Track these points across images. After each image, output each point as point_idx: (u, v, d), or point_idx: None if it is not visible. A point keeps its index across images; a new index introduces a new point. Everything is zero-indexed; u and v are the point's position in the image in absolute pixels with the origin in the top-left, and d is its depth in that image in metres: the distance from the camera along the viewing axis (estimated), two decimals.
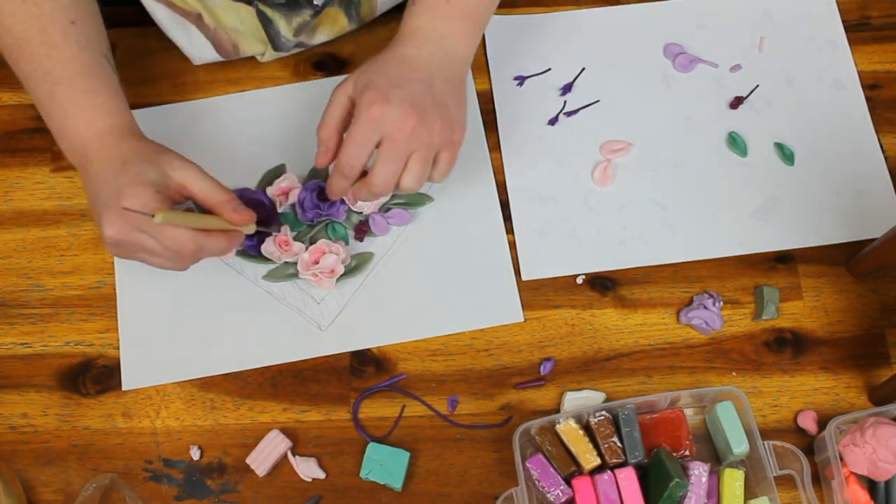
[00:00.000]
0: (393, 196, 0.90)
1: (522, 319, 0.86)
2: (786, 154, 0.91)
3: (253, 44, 0.92)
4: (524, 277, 0.87)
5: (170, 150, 0.79)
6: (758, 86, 0.94)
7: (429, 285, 0.87)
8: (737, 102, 0.93)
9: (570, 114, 0.94)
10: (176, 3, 0.88)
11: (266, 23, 0.90)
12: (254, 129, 0.93)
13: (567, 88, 0.95)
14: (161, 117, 0.94)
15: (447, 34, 0.81)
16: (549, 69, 0.96)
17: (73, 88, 0.77)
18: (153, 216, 0.72)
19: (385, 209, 0.89)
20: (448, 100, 0.80)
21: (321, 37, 0.93)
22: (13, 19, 0.77)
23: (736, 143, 0.91)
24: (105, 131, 0.78)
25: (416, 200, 0.90)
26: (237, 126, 0.94)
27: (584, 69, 0.95)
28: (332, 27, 0.93)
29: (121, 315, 0.86)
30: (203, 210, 0.79)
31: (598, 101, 0.94)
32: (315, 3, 0.88)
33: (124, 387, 0.84)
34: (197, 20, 0.89)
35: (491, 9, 0.84)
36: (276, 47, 0.92)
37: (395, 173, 0.78)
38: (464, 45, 0.83)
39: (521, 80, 0.95)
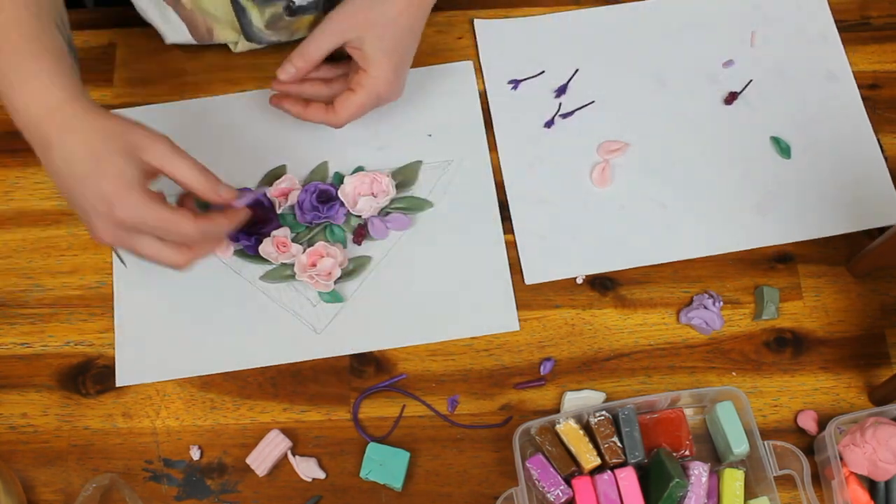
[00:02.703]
0: (393, 200, 0.90)
1: (518, 328, 0.86)
2: (782, 148, 0.91)
3: (227, 31, 0.92)
4: (527, 282, 0.87)
5: (131, 125, 0.73)
6: (751, 80, 0.94)
7: (425, 291, 0.87)
8: (731, 98, 0.93)
9: (565, 116, 0.94)
10: None
11: (239, 11, 0.89)
12: (254, 129, 0.93)
13: (562, 90, 0.95)
14: (161, 117, 0.94)
15: None
16: (543, 72, 0.96)
17: (19, 55, 0.71)
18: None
19: (384, 213, 0.89)
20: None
21: (300, 34, 0.93)
22: None
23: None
24: (55, 106, 0.71)
25: (415, 205, 0.90)
26: (237, 126, 0.94)
27: (577, 70, 0.95)
28: (311, 26, 0.92)
29: (117, 312, 0.86)
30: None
31: (592, 101, 0.94)
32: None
33: (118, 383, 0.84)
34: (174, 1, 0.89)
35: None
36: (248, 37, 0.92)
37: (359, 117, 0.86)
38: None
39: (515, 83, 0.95)
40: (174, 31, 0.91)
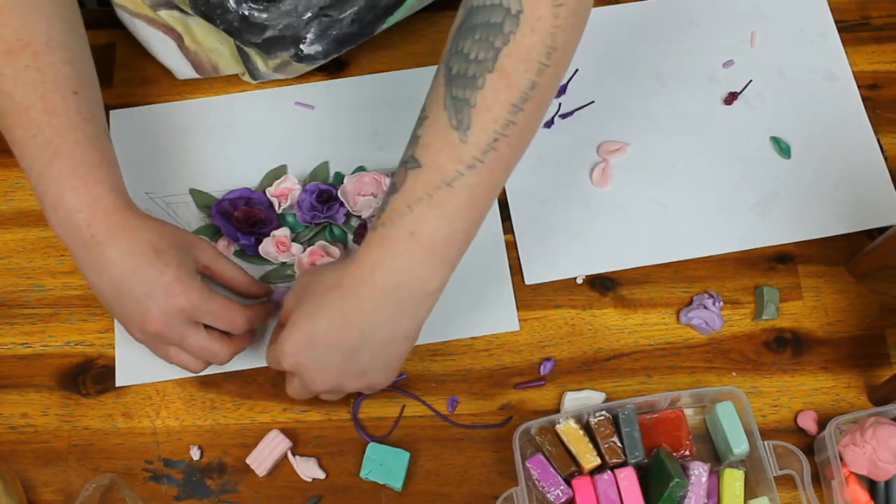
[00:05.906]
0: None
1: (518, 328, 0.86)
2: (782, 148, 0.91)
3: (233, 65, 0.92)
4: (527, 282, 0.87)
5: (181, 229, 0.78)
6: (751, 80, 0.94)
7: None
8: (731, 98, 0.93)
9: (565, 116, 0.94)
10: (157, 20, 0.88)
11: (244, 56, 0.90)
12: (254, 129, 0.93)
13: (561, 90, 0.95)
14: (161, 117, 0.94)
15: (407, 278, 0.70)
16: None
17: (76, 160, 0.72)
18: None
19: None
20: (376, 364, 0.73)
21: (305, 69, 0.93)
22: (13, 84, 0.72)
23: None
24: (110, 210, 0.73)
25: None
26: (237, 126, 0.94)
27: (577, 70, 0.95)
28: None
29: None
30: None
31: (592, 101, 0.94)
32: (301, 47, 0.86)
33: (118, 383, 0.84)
34: (178, 40, 0.89)
35: (464, 247, 0.72)
36: (254, 77, 0.92)
37: (303, 398, 0.79)
38: (426, 283, 0.71)
39: None
40: (180, 67, 0.92)
